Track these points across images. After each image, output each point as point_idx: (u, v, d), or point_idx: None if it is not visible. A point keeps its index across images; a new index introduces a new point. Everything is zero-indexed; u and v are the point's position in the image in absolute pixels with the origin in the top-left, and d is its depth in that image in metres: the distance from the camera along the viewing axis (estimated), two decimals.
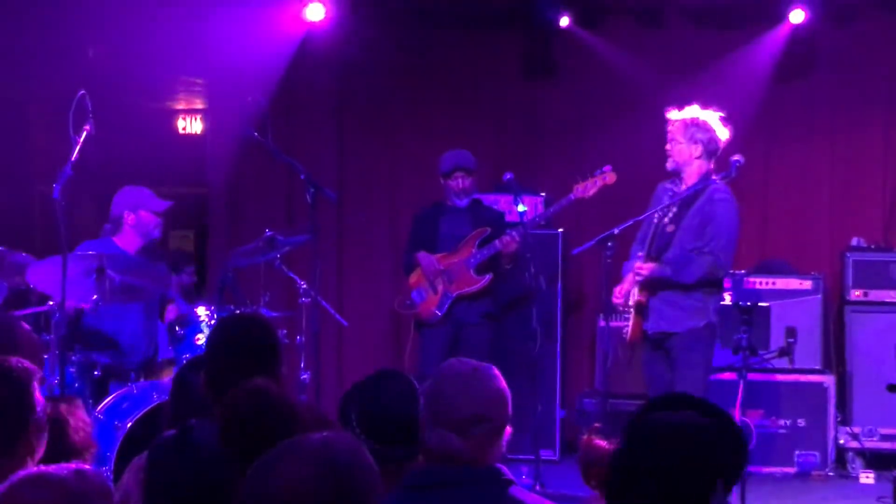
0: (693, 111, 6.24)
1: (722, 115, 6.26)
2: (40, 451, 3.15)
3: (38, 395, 3.19)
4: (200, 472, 2.76)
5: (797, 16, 8.09)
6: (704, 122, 6.21)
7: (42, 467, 2.67)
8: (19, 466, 3.03)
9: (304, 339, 6.77)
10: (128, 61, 9.06)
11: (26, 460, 3.09)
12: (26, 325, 4.70)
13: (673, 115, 6.27)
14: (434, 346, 7.15)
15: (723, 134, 6.22)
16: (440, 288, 7.21)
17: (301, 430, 2.79)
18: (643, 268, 6.15)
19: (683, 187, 6.23)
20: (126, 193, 6.56)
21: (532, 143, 8.64)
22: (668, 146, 6.27)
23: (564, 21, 8.35)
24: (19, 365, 3.19)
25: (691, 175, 6.23)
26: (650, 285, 6.16)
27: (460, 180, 7.24)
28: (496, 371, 3.13)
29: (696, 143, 6.21)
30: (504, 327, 7.53)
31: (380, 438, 3.23)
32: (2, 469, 3.03)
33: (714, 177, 6.19)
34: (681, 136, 6.22)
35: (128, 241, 6.49)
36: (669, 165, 6.28)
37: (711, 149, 6.22)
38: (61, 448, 3.25)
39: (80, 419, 3.70)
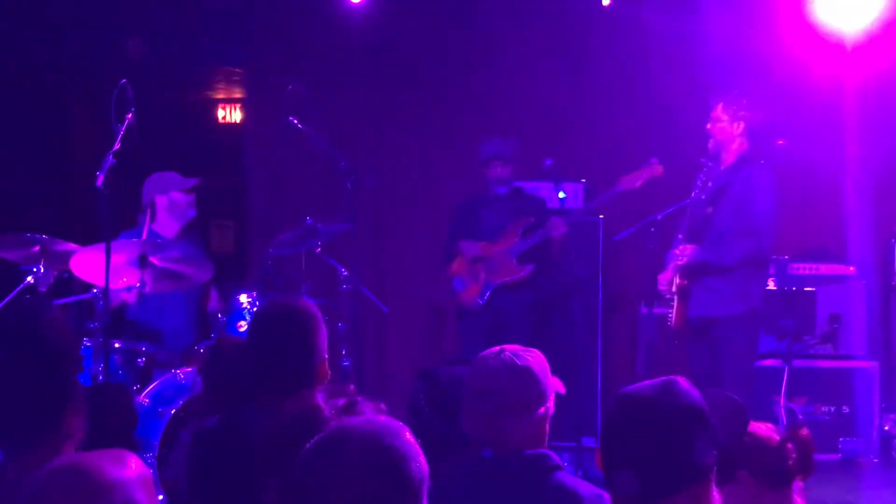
0: (734, 92, 6.19)
1: (764, 94, 6.21)
2: (79, 436, 3.15)
3: (77, 378, 3.19)
4: (243, 457, 2.74)
5: None
6: (746, 101, 6.16)
7: (82, 453, 2.66)
8: (58, 451, 3.03)
9: (344, 326, 6.77)
10: (167, 52, 9.10)
11: (65, 445, 3.08)
12: (58, 313, 4.72)
13: (715, 98, 6.22)
14: (475, 334, 7.14)
15: (765, 114, 6.16)
16: (482, 276, 7.19)
17: None
18: (684, 251, 6.10)
19: (723, 167, 6.18)
20: (153, 180, 6.62)
21: (572, 128, 8.58)
22: (709, 126, 6.22)
23: (606, 0, 8.23)
24: (60, 347, 3.18)
25: (731, 154, 6.17)
26: (691, 270, 6.11)
27: (498, 169, 7.21)
28: (542, 356, 3.12)
29: (738, 120, 6.15)
30: (545, 315, 7.50)
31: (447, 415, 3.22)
32: (40, 454, 3.03)
33: (760, 160, 6.13)
34: (723, 114, 6.17)
35: (165, 225, 6.53)
36: (711, 146, 6.23)
37: (753, 126, 6.16)
38: (101, 434, 3.25)
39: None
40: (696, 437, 2.29)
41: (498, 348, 3.10)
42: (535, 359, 3.09)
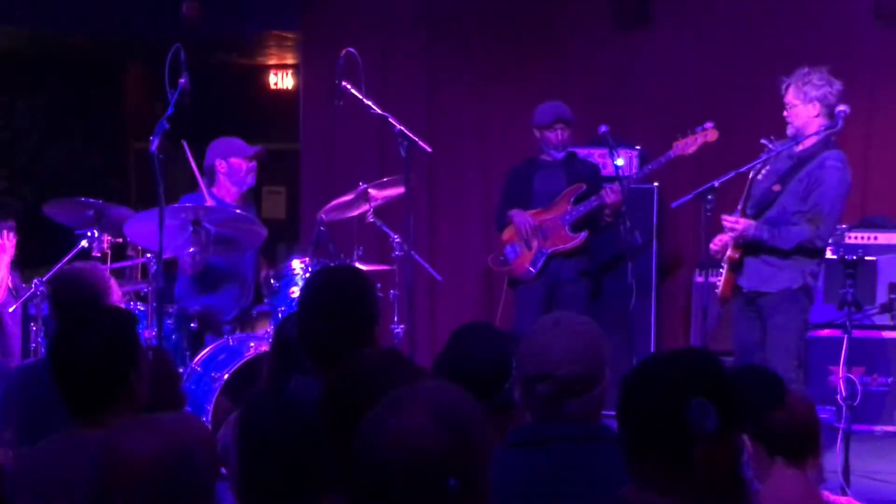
0: (800, 74, 6.10)
1: (828, 67, 6.11)
2: (142, 400, 3.17)
3: (139, 342, 3.21)
4: (295, 430, 2.71)
5: None
6: (815, 80, 6.06)
7: (147, 415, 2.68)
8: (123, 413, 3.06)
9: (397, 293, 6.75)
10: (219, 17, 9.09)
11: (129, 409, 3.11)
12: (103, 274, 4.73)
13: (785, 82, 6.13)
14: (529, 302, 7.09)
15: (835, 87, 6.06)
16: (534, 244, 7.13)
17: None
18: (738, 222, 6.02)
19: (799, 148, 6.09)
20: (217, 144, 6.64)
21: (626, 95, 8.49)
22: (785, 113, 6.13)
23: None
24: (122, 311, 3.22)
25: (811, 134, 6.08)
26: (745, 243, 6.05)
27: (559, 132, 7.14)
28: (595, 327, 3.05)
29: (811, 101, 6.05)
30: (599, 283, 7.45)
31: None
32: (106, 415, 3.06)
33: (822, 129, 6.03)
34: (795, 99, 6.08)
35: (224, 190, 6.55)
36: (790, 132, 6.12)
37: (829, 103, 6.06)
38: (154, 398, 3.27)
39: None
40: (689, 403, 2.24)
41: (551, 323, 3.01)
42: (591, 333, 3.00)
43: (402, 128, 6.15)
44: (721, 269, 6.19)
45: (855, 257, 6.43)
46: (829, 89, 6.04)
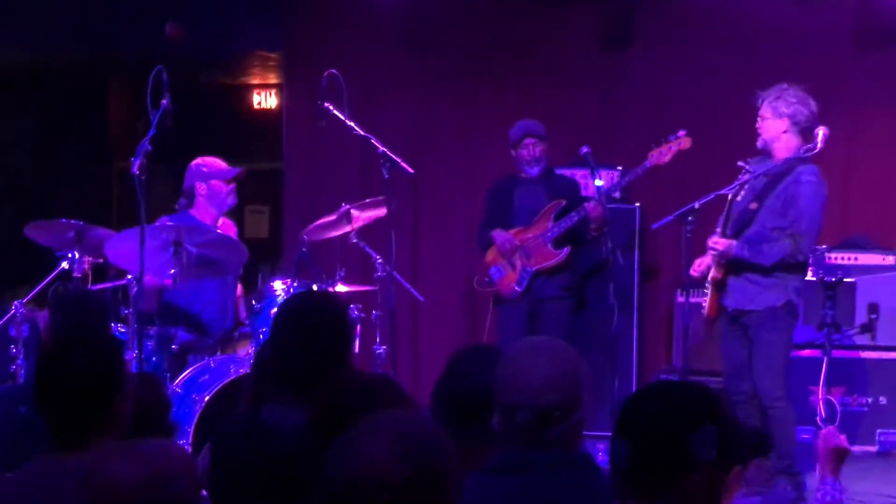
0: (775, 89, 6.15)
1: (805, 87, 6.16)
2: (126, 425, 3.17)
3: (125, 367, 3.22)
4: (269, 455, 2.71)
5: None
6: (789, 96, 6.11)
7: (129, 441, 2.68)
8: (107, 439, 3.05)
9: (379, 314, 6.75)
10: (203, 37, 9.10)
11: (113, 434, 3.11)
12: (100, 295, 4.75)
13: (761, 96, 6.18)
14: (513, 321, 7.11)
15: (809, 107, 6.11)
16: (518, 263, 7.15)
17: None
18: (718, 242, 6.08)
19: (772, 164, 6.14)
20: (196, 166, 6.62)
21: (609, 115, 8.53)
22: (757, 125, 6.19)
23: None
24: (107, 337, 3.23)
25: (780, 150, 6.14)
26: (727, 263, 6.09)
27: (531, 147, 7.17)
28: (573, 351, 3.04)
29: (781, 117, 6.11)
30: (582, 300, 7.47)
31: (458, 417, 3.17)
32: (89, 442, 3.06)
33: (800, 150, 6.08)
34: (766, 112, 6.14)
35: (204, 212, 6.53)
36: (759, 143, 6.21)
37: (798, 121, 6.11)
38: (143, 424, 3.27)
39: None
40: (696, 430, 2.26)
41: (529, 350, 2.99)
42: (569, 359, 2.98)
43: (385, 149, 6.17)
44: (705, 289, 6.24)
45: (834, 279, 6.48)
46: (802, 108, 6.09)
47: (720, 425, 2.30)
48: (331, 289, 6.33)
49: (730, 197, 6.15)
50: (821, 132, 6.02)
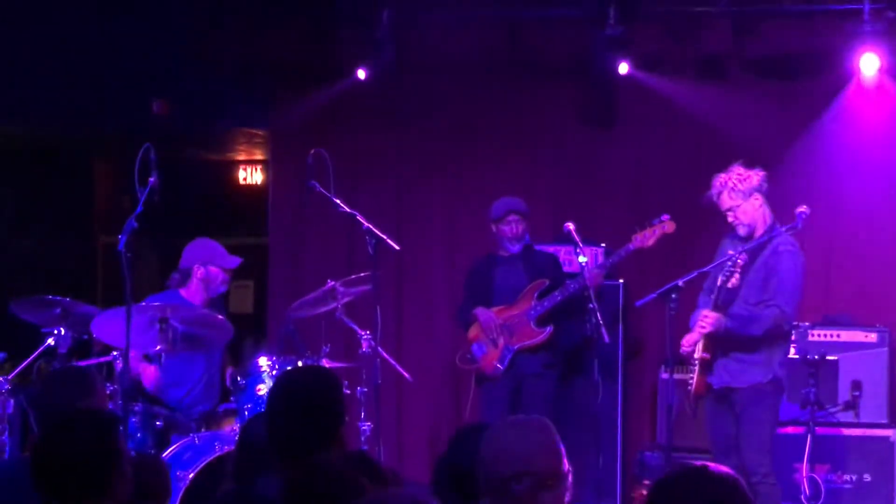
0: (722, 179, 6.22)
1: (742, 160, 6.25)
2: (125, 499, 3.18)
3: (123, 445, 3.23)
4: None
5: (869, 63, 7.73)
6: (741, 172, 6.20)
7: None
8: None
9: (364, 390, 6.74)
10: (190, 114, 9.17)
11: None
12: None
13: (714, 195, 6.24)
14: (496, 399, 7.12)
15: (759, 175, 6.19)
16: (501, 341, 7.16)
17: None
18: (708, 316, 6.09)
19: (752, 241, 6.18)
20: (198, 246, 6.62)
21: (592, 193, 8.60)
22: (729, 216, 6.22)
23: (623, 68, 8.15)
24: (104, 413, 3.24)
25: (759, 228, 6.20)
26: (715, 340, 6.11)
27: (514, 224, 7.22)
28: (545, 423, 3.07)
29: (751, 193, 6.18)
30: (565, 377, 7.47)
31: (460, 493, 3.18)
32: None
33: (781, 228, 6.15)
34: (735, 200, 6.18)
35: (194, 293, 6.54)
36: (742, 231, 6.22)
37: (764, 192, 6.19)
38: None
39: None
40: None
41: (510, 424, 3.03)
42: (550, 429, 3.03)
43: (370, 225, 6.21)
44: (691, 367, 6.23)
45: (816, 356, 6.51)
46: (756, 175, 6.16)
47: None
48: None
49: (719, 282, 6.15)
50: (803, 210, 6.09)
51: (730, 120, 8.24)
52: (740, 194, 6.18)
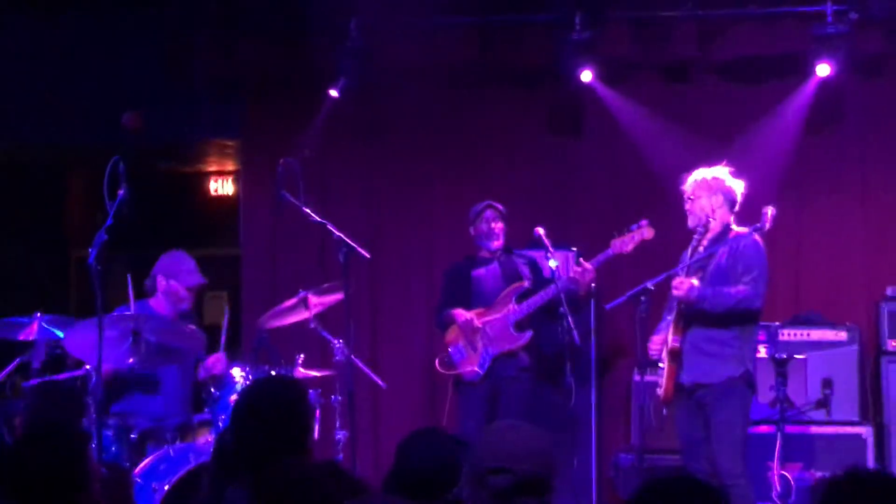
0: (702, 171, 6.28)
1: (731, 169, 6.30)
2: None
3: (92, 460, 3.23)
4: None
5: (823, 70, 7.95)
6: (716, 177, 6.27)
7: None
8: None
9: (339, 398, 6.76)
10: (161, 126, 9.17)
11: None
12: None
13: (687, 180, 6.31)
14: (474, 403, 7.11)
15: (737, 186, 6.25)
16: (480, 346, 7.17)
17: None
18: (683, 282, 6.10)
19: (709, 237, 6.24)
20: (168, 258, 6.65)
21: (562, 198, 8.64)
22: (686, 206, 6.29)
23: (587, 76, 8.18)
24: (76, 430, 3.24)
25: (716, 226, 6.26)
26: (684, 333, 6.12)
27: (489, 222, 7.24)
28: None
29: (715, 194, 6.24)
30: (540, 382, 7.49)
31: (411, 494, 3.22)
32: None
33: (747, 228, 6.20)
34: (699, 192, 6.25)
35: (161, 305, 6.55)
36: (691, 223, 6.30)
37: (731, 199, 6.24)
38: None
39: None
40: None
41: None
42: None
43: (341, 234, 6.23)
44: (660, 365, 6.25)
45: (785, 356, 6.56)
46: (728, 186, 6.24)
47: None
48: (291, 374, 6.35)
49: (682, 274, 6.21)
50: (769, 211, 6.14)
51: (699, 125, 8.32)
52: (706, 188, 6.24)
